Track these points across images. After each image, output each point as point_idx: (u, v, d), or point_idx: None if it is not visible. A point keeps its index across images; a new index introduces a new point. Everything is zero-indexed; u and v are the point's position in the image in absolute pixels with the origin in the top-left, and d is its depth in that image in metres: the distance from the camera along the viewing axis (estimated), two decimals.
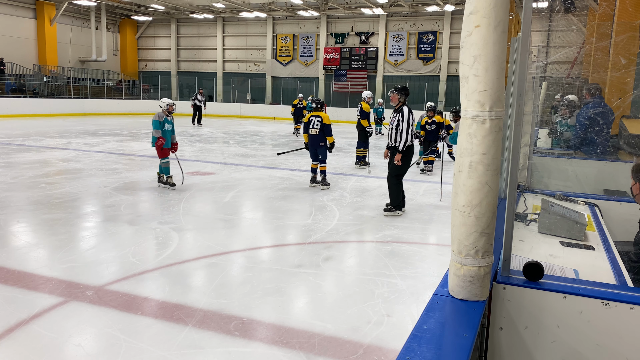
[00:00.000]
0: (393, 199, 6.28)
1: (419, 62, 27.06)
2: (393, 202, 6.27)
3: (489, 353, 1.80)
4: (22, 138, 13.73)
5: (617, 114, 5.24)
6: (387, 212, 6.23)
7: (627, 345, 1.63)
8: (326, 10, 27.26)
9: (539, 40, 7.70)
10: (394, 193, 6.25)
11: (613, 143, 5.21)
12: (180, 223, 5.64)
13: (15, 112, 21.45)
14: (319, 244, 5.02)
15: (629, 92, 4.71)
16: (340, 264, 4.55)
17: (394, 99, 6.38)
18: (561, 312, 1.69)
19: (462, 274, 1.63)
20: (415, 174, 9.79)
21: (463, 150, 1.59)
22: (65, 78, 26.76)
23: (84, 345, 2.94)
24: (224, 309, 3.46)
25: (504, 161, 2.14)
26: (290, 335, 3.10)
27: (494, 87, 1.53)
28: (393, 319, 3.40)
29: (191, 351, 2.90)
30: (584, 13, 10.50)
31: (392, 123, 6.17)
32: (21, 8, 26.24)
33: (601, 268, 2.16)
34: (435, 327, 1.48)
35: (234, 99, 30.55)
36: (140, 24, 33.42)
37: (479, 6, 1.50)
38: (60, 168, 9.14)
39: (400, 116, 6.10)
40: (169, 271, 4.17)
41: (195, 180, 8.35)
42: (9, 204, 6.25)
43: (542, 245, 2.41)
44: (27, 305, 3.41)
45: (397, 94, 6.32)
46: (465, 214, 1.59)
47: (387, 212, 6.24)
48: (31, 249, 4.70)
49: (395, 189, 6.25)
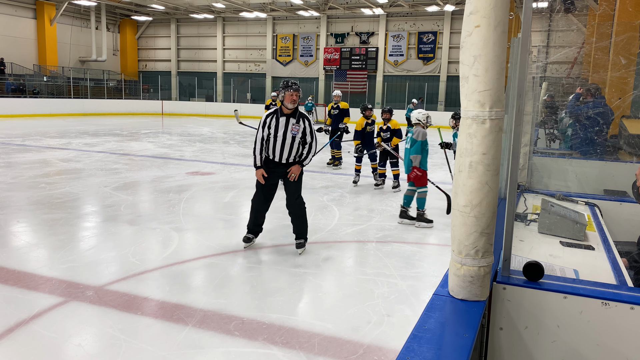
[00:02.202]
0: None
1: (419, 62, 27.06)
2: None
3: (489, 353, 1.80)
4: (22, 138, 13.73)
5: (617, 114, 5.24)
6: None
7: (627, 345, 1.63)
8: (326, 10, 27.27)
9: (539, 40, 7.70)
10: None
11: (613, 143, 5.21)
12: (180, 223, 5.64)
13: (15, 112, 21.45)
14: (319, 244, 5.02)
15: (629, 92, 4.71)
16: (340, 264, 4.55)
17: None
18: (561, 312, 1.69)
19: (462, 274, 1.63)
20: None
21: (463, 150, 1.59)
22: (65, 78, 26.77)
23: (84, 345, 2.94)
24: (224, 309, 3.46)
25: (504, 161, 2.14)
26: (290, 335, 3.10)
27: (494, 87, 1.53)
28: (393, 319, 3.40)
29: (191, 351, 2.90)
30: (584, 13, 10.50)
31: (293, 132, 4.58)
32: (21, 8, 26.24)
33: (601, 268, 2.16)
34: (435, 327, 1.48)
35: (234, 99, 30.56)
36: (140, 24, 33.42)
37: (479, 6, 1.50)
38: (60, 168, 9.14)
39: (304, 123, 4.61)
40: (169, 271, 4.17)
41: (195, 180, 8.35)
42: (9, 204, 6.25)
43: (542, 245, 2.41)
44: (27, 305, 3.41)
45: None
46: (465, 214, 1.59)
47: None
48: (31, 249, 4.70)
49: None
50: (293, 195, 4.66)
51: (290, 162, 4.59)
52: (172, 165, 9.83)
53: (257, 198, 4.72)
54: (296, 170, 4.55)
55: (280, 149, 4.53)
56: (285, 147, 4.51)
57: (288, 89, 4.43)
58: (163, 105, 28.43)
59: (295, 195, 4.66)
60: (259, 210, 4.76)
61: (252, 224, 4.81)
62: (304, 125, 4.53)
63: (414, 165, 5.73)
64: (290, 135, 4.48)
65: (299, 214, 4.70)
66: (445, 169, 10.63)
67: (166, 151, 11.89)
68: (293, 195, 4.66)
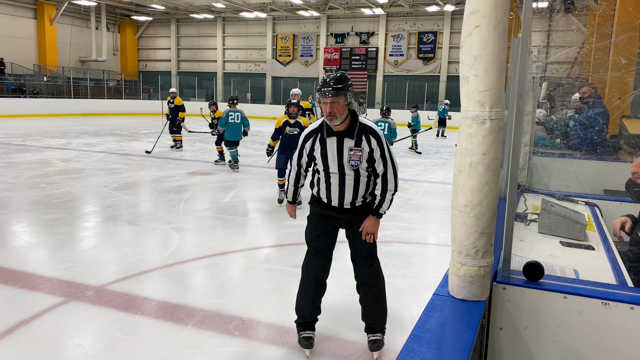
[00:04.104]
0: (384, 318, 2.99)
1: (419, 62, 27.07)
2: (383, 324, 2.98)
3: (489, 353, 1.80)
4: (22, 138, 13.73)
5: (617, 114, 5.24)
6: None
7: (627, 345, 1.63)
8: (326, 10, 27.27)
9: (539, 40, 7.69)
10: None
11: (613, 143, 5.21)
12: (180, 223, 5.64)
13: (15, 112, 21.45)
14: None
15: (629, 92, 4.70)
16: (340, 264, 4.54)
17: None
18: (561, 312, 1.69)
19: (462, 274, 1.63)
20: (416, 174, 9.78)
21: (463, 150, 1.59)
22: (65, 78, 26.77)
23: (84, 345, 2.94)
24: (224, 309, 3.46)
25: (504, 161, 2.14)
26: (291, 335, 3.10)
27: (494, 87, 1.53)
28: (393, 319, 3.40)
29: (191, 351, 2.90)
30: (584, 13, 10.49)
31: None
32: (21, 8, 26.25)
33: (601, 268, 2.16)
34: (435, 327, 1.48)
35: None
36: (140, 24, 33.42)
37: (479, 6, 1.50)
38: (60, 168, 9.14)
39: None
40: (169, 271, 4.17)
41: (195, 180, 8.35)
42: (9, 204, 6.25)
43: (542, 245, 2.41)
44: (27, 305, 3.41)
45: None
46: (465, 214, 1.59)
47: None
48: (31, 249, 4.70)
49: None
50: (363, 259, 2.87)
51: (358, 205, 2.78)
52: (172, 165, 9.83)
53: (308, 262, 2.91)
54: (371, 228, 2.77)
55: (338, 190, 2.72)
56: (344, 186, 2.71)
57: (321, 91, 2.59)
58: (163, 105, 28.41)
59: (367, 259, 2.88)
60: (317, 280, 2.89)
61: (304, 307, 2.93)
62: (371, 147, 2.62)
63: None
64: (348, 167, 2.66)
65: (374, 290, 2.92)
66: (446, 169, 10.64)
67: (166, 151, 11.89)
68: (363, 259, 2.87)
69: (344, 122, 2.59)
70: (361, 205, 2.79)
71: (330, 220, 2.84)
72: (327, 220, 2.84)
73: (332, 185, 2.72)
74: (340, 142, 2.62)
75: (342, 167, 2.65)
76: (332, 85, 2.54)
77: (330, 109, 2.51)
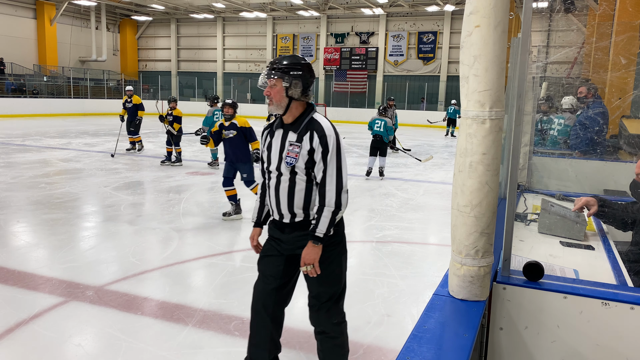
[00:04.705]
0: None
1: (419, 62, 27.07)
2: None
3: (489, 353, 1.80)
4: (22, 138, 13.73)
5: (617, 114, 5.24)
6: None
7: (627, 345, 1.63)
8: (326, 10, 27.27)
9: (539, 40, 7.71)
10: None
11: (613, 143, 5.21)
12: (180, 223, 5.64)
13: (15, 112, 21.46)
14: None
15: (629, 92, 4.70)
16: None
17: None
18: (561, 312, 1.69)
19: (462, 274, 1.63)
20: (416, 174, 9.78)
21: (463, 150, 1.59)
22: (65, 78, 26.78)
23: (84, 345, 2.94)
24: (224, 309, 3.46)
25: (504, 161, 2.14)
26: (290, 335, 3.09)
27: (494, 87, 1.53)
28: (393, 319, 3.40)
29: (191, 351, 2.90)
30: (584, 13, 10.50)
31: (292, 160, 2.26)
32: (21, 8, 26.25)
33: (601, 268, 2.16)
34: (435, 327, 1.48)
35: (234, 99, 30.56)
36: (140, 24, 33.42)
37: (479, 6, 1.49)
38: (60, 168, 9.14)
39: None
40: (169, 271, 4.17)
41: (195, 180, 8.35)
42: (9, 204, 6.25)
43: (542, 245, 2.41)
44: (27, 305, 3.41)
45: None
46: (465, 214, 1.59)
47: None
48: (31, 249, 4.70)
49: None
50: (311, 300, 2.43)
51: (297, 221, 2.30)
52: (171, 166, 9.83)
53: (255, 286, 2.51)
54: (308, 256, 2.21)
55: (274, 194, 2.32)
56: (279, 190, 2.29)
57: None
58: (163, 105, 28.40)
59: (315, 301, 2.41)
60: (265, 308, 2.43)
61: (251, 344, 2.49)
62: (312, 146, 2.18)
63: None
64: (285, 164, 2.24)
65: (326, 346, 2.48)
66: (446, 169, 10.64)
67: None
68: (311, 300, 2.43)
69: (291, 114, 2.24)
70: (302, 223, 2.27)
71: (275, 243, 2.38)
72: (273, 242, 2.40)
73: (270, 189, 2.33)
74: (285, 136, 2.25)
75: (279, 165, 2.25)
76: (272, 66, 2.28)
77: (266, 92, 2.26)
